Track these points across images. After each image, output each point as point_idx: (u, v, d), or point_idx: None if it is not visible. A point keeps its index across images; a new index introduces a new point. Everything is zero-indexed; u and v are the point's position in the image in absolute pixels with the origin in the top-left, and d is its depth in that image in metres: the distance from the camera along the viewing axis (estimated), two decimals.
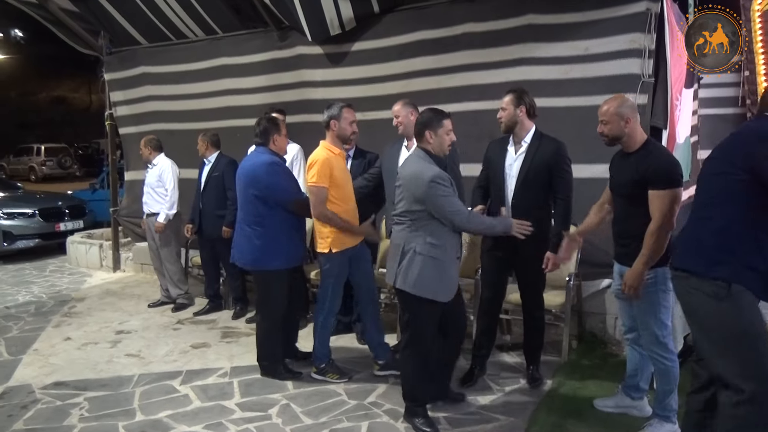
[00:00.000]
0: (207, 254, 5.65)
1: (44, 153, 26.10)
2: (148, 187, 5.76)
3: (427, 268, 3.13)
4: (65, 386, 3.99)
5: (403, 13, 5.37)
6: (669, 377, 3.12)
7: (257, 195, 3.83)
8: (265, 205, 3.83)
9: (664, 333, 3.09)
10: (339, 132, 3.82)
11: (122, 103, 7.35)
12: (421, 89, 5.24)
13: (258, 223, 3.85)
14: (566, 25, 4.67)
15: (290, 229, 3.93)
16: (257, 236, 3.86)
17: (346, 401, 3.69)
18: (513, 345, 4.50)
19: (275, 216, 3.85)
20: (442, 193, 3.06)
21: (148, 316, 5.55)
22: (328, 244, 3.79)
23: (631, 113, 3.04)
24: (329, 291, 3.91)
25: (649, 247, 2.95)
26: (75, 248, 8.01)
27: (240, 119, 6.20)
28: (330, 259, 3.83)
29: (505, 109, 3.64)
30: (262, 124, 3.96)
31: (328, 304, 3.94)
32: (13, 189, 10.38)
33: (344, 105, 3.86)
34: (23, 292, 6.59)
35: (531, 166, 3.59)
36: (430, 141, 3.21)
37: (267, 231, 3.84)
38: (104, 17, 6.79)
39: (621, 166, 3.16)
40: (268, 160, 3.88)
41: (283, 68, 6.04)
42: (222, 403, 3.70)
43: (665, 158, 3.05)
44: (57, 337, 4.98)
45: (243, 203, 3.94)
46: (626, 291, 3.05)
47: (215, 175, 5.37)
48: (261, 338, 4.08)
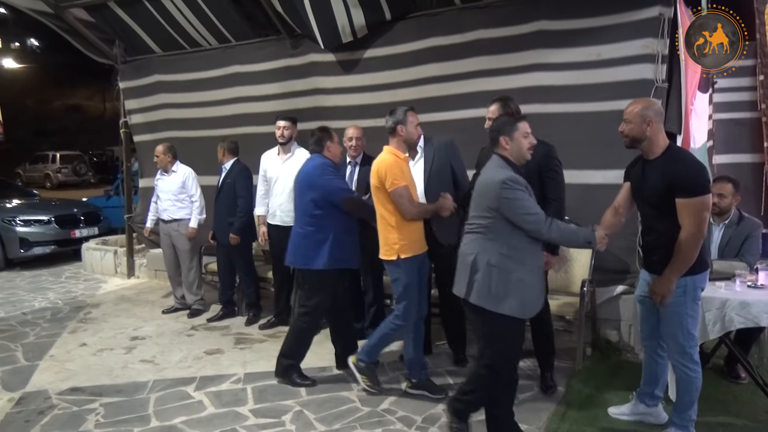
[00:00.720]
0: (222, 260, 5.67)
1: (59, 160, 26.40)
2: (168, 194, 5.75)
3: (503, 281, 2.86)
4: (81, 392, 4.03)
5: (414, 20, 5.38)
6: (692, 388, 3.07)
7: (311, 198, 3.92)
8: (318, 207, 3.91)
9: (690, 343, 3.04)
10: (406, 136, 3.74)
11: (136, 111, 7.43)
12: (433, 95, 5.26)
13: (310, 223, 3.95)
14: (578, 31, 4.66)
15: (340, 233, 3.95)
16: (306, 235, 3.97)
17: (360, 408, 3.69)
18: (526, 351, 4.48)
19: (327, 218, 3.92)
20: (514, 196, 2.83)
21: (162, 322, 5.59)
22: (396, 251, 3.65)
23: (654, 116, 2.97)
24: (406, 300, 3.72)
25: (679, 256, 2.89)
26: (90, 255, 8.09)
27: (253, 126, 6.25)
28: (398, 266, 3.68)
29: (491, 119, 3.69)
30: (317, 134, 4.07)
31: (412, 312, 3.74)
32: (30, 196, 10.50)
33: (408, 108, 3.79)
34: (39, 298, 6.66)
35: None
36: (507, 147, 3.01)
37: (317, 231, 3.93)
38: (119, 27, 6.88)
39: (644, 174, 3.06)
40: (320, 162, 3.98)
41: (295, 76, 6.07)
42: (236, 409, 3.71)
43: (691, 164, 2.93)
44: (73, 343, 5.03)
45: (298, 205, 4.07)
46: (656, 301, 3.00)
47: (228, 182, 5.41)
48: (292, 335, 4.10)
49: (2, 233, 8.30)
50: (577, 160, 4.49)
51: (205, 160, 6.19)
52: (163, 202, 5.80)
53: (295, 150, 5.07)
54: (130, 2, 6.46)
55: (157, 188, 5.89)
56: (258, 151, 5.45)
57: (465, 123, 5.09)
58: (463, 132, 4.75)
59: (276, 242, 5.15)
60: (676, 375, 3.14)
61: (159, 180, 5.87)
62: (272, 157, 5.15)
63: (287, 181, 4.97)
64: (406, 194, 3.59)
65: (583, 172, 4.59)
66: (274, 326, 5.28)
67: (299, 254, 4.03)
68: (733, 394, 3.72)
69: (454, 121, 5.16)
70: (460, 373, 4.15)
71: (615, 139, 4.35)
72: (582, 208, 4.52)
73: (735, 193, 3.96)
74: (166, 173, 5.80)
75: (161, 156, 5.75)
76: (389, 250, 3.68)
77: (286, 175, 4.99)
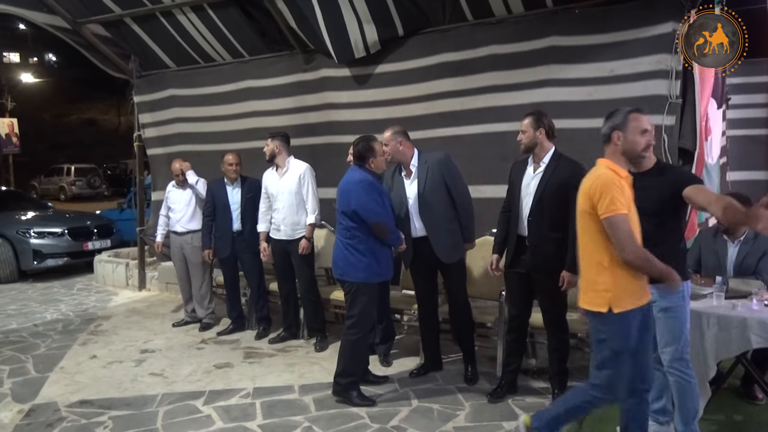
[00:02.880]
0: (230, 274, 5.67)
1: (74, 173, 26.75)
2: (180, 206, 5.76)
3: None
4: (90, 405, 4.02)
5: (426, 35, 5.40)
6: (693, 394, 3.08)
7: (349, 211, 3.90)
8: (355, 221, 3.90)
9: (687, 349, 3.08)
10: (625, 147, 2.83)
11: (150, 125, 7.49)
12: (445, 111, 5.26)
13: (349, 236, 3.94)
14: (591, 47, 4.65)
15: (377, 246, 3.94)
16: (347, 247, 3.95)
17: (369, 425, 3.64)
18: (538, 369, 4.43)
19: (364, 232, 3.90)
20: None
21: (172, 335, 5.59)
22: (607, 300, 2.72)
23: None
24: (612, 368, 2.77)
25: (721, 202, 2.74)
26: (102, 267, 8.13)
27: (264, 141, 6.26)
28: (608, 322, 2.74)
29: (524, 132, 3.71)
30: (359, 147, 4.00)
31: (619, 387, 2.81)
32: (44, 208, 10.60)
33: (631, 110, 2.88)
34: (51, 309, 6.69)
35: (547, 185, 3.64)
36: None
37: (355, 244, 3.92)
38: (135, 42, 6.97)
39: (644, 185, 2.97)
40: (359, 177, 3.93)
41: (307, 90, 6.10)
42: (244, 424, 3.69)
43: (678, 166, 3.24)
44: (83, 355, 5.04)
45: (339, 216, 4.03)
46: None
47: (250, 196, 5.41)
48: (345, 352, 4.01)
49: (16, 245, 8.38)
50: None
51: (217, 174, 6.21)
52: (176, 213, 5.82)
53: (289, 164, 5.08)
54: (146, 18, 6.55)
55: (169, 200, 5.91)
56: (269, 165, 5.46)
57: (477, 138, 5.08)
58: (475, 147, 4.75)
59: (281, 257, 5.16)
60: (675, 385, 3.11)
61: (171, 192, 5.89)
62: (271, 175, 5.18)
63: (288, 196, 5.01)
64: (625, 226, 2.66)
65: None
66: (284, 340, 5.26)
67: (340, 264, 4.01)
68: (749, 415, 3.64)
69: (467, 136, 5.15)
70: (471, 390, 4.11)
71: None
72: None
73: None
74: (178, 186, 5.82)
75: (182, 169, 5.75)
76: (596, 298, 2.76)
77: (285, 189, 5.03)
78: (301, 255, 4.96)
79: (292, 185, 5.01)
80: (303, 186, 5.01)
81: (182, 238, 5.80)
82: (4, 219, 8.87)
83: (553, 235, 3.62)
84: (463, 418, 3.70)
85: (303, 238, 4.96)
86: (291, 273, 5.21)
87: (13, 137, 22.41)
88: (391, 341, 4.76)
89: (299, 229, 5.01)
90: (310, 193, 5.00)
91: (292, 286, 5.27)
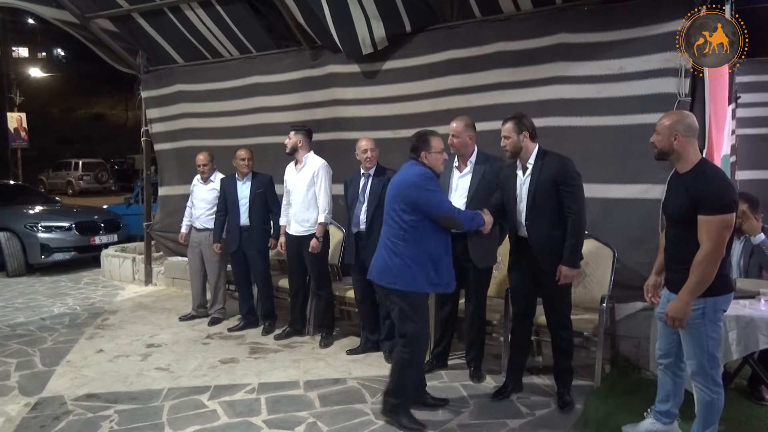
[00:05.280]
0: (239, 270, 5.67)
1: (81, 168, 26.84)
2: (203, 203, 5.80)
3: None
4: (96, 398, 4.04)
5: (434, 32, 5.38)
6: (712, 409, 2.98)
7: (403, 209, 3.43)
8: (413, 221, 3.41)
9: (712, 364, 2.94)
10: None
11: (157, 120, 7.51)
12: (452, 107, 5.24)
13: (402, 237, 3.44)
14: (599, 44, 4.63)
15: (437, 252, 3.45)
16: (397, 252, 3.45)
17: (374, 421, 3.65)
18: (543, 368, 4.42)
19: (423, 234, 3.42)
20: None
21: (178, 330, 5.61)
22: None
23: (683, 131, 2.91)
24: None
25: (695, 276, 2.81)
26: (109, 261, 8.17)
27: (272, 136, 6.28)
28: None
29: (508, 137, 3.68)
30: (413, 141, 3.63)
31: None
32: (52, 203, 10.65)
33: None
34: (58, 303, 6.73)
35: (537, 186, 3.62)
36: None
37: (409, 247, 3.42)
38: (143, 37, 6.99)
39: (673, 188, 3.03)
40: (419, 171, 3.49)
41: (314, 86, 6.11)
42: (249, 419, 3.70)
43: (719, 181, 2.86)
44: (90, 349, 5.06)
45: (388, 217, 3.55)
46: (669, 323, 2.92)
47: (260, 191, 5.41)
48: (395, 371, 3.58)
49: (24, 239, 8.42)
50: (597, 173, 4.45)
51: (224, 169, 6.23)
52: (197, 209, 5.85)
53: (307, 159, 5.06)
54: (154, 13, 6.57)
55: (193, 195, 5.95)
56: (276, 161, 5.48)
57: (484, 135, 5.05)
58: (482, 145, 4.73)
59: (291, 252, 5.16)
60: (697, 396, 3.05)
61: (195, 186, 5.94)
62: (290, 169, 5.17)
63: (301, 191, 5.00)
64: None
65: (603, 186, 4.53)
66: (289, 336, 5.27)
67: (387, 272, 3.48)
68: (756, 416, 3.62)
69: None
70: (476, 388, 4.10)
71: (635, 153, 4.35)
72: (602, 221, 4.48)
73: (751, 212, 3.90)
74: (203, 181, 5.84)
75: (206, 163, 5.80)
76: None
77: (299, 185, 5.02)
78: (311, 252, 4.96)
79: (306, 181, 5.00)
80: (316, 183, 4.98)
81: (201, 235, 5.83)
82: (12, 213, 8.92)
83: (554, 233, 3.59)
84: (468, 416, 3.70)
85: (313, 236, 4.95)
86: (301, 269, 5.21)
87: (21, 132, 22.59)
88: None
89: (309, 226, 5.00)
90: (322, 191, 4.97)
91: (303, 282, 5.28)
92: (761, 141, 6.09)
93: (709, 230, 2.77)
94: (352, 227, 4.67)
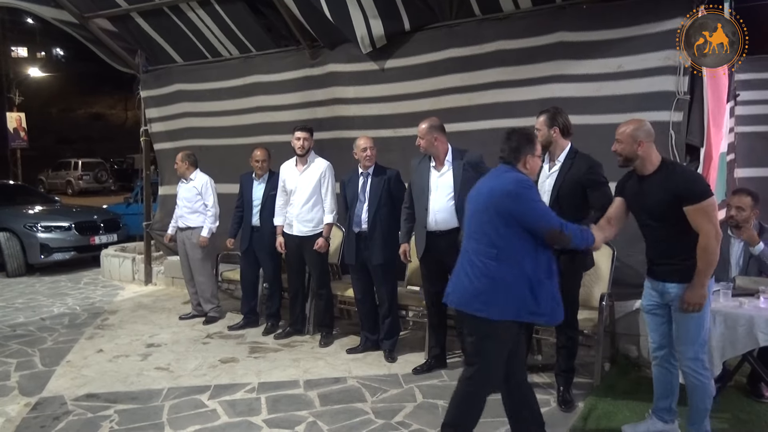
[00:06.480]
0: (246, 269, 5.66)
1: (81, 167, 26.81)
2: (184, 201, 5.82)
3: None
4: (96, 398, 4.04)
5: (433, 31, 5.39)
6: (705, 395, 3.07)
7: (498, 222, 2.88)
8: (509, 236, 2.86)
9: (704, 349, 3.10)
10: None
11: (157, 120, 7.51)
12: (452, 106, 5.25)
13: (492, 256, 2.88)
14: (598, 42, 4.63)
15: (537, 274, 2.86)
16: (486, 272, 2.89)
17: (374, 420, 3.65)
18: (543, 366, 4.42)
19: (521, 252, 2.87)
20: None
21: (178, 330, 5.61)
22: None
23: (645, 137, 3.06)
24: None
25: (705, 261, 2.96)
26: (109, 261, 8.16)
27: (272, 135, 6.28)
28: None
29: (539, 130, 3.67)
30: (514, 140, 3.01)
31: None
32: (51, 203, 10.65)
33: None
34: (58, 303, 6.73)
35: (564, 183, 3.62)
36: None
37: (497, 269, 2.86)
38: (142, 36, 6.98)
39: (641, 190, 3.12)
40: (516, 179, 2.94)
41: (314, 85, 6.10)
42: (249, 419, 3.70)
43: (689, 174, 3.19)
44: (90, 349, 5.06)
45: (476, 230, 2.98)
46: (687, 310, 3.01)
47: (273, 194, 5.35)
48: (457, 403, 3.07)
49: (24, 239, 8.42)
50: None
51: (224, 168, 6.23)
52: (180, 209, 5.86)
53: (311, 160, 5.06)
54: (153, 13, 6.56)
55: (177, 195, 5.96)
56: (276, 159, 5.47)
57: (484, 134, 5.07)
58: (482, 143, 4.73)
59: (292, 252, 5.15)
60: (689, 384, 3.11)
61: (179, 187, 5.95)
62: (290, 168, 5.15)
63: (305, 192, 4.98)
64: None
65: None
66: (289, 336, 5.27)
67: (472, 296, 2.92)
68: (756, 413, 3.62)
69: (474, 132, 5.14)
70: None
71: None
72: None
73: (754, 206, 3.89)
74: (185, 181, 5.85)
75: (178, 163, 5.84)
76: None
77: (303, 186, 5.00)
78: (314, 250, 4.96)
79: (313, 182, 4.98)
80: (323, 184, 4.99)
81: (183, 234, 5.85)
82: (12, 213, 8.91)
83: None
84: None
85: (318, 236, 4.95)
86: (301, 269, 5.22)
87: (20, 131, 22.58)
88: (396, 337, 4.76)
89: (313, 226, 4.99)
90: (329, 192, 4.99)
91: (302, 281, 5.28)
92: (760, 138, 6.09)
93: (706, 215, 2.94)
94: (354, 227, 4.67)
